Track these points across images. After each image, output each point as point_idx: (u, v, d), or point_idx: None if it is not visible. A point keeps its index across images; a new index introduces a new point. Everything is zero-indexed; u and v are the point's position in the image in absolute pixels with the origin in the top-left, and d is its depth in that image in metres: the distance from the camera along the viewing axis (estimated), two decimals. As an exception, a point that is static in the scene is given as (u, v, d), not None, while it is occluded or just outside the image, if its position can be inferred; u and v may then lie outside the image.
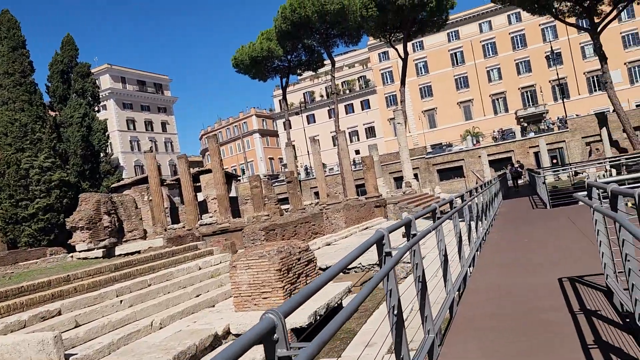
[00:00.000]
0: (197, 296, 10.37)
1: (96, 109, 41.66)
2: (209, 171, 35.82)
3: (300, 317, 7.88)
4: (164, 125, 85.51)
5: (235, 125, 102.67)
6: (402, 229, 4.42)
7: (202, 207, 35.51)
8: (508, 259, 7.96)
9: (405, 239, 4.42)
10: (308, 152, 60.63)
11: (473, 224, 8.86)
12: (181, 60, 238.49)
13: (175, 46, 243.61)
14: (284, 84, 50.22)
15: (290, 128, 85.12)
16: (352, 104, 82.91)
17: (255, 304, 8.59)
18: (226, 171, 37.85)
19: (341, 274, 14.96)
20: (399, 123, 37.33)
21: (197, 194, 37.50)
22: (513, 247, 9.07)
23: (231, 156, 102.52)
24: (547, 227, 10.42)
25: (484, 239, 9.66)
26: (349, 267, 14.32)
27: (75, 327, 7.72)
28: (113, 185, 34.91)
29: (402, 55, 45.15)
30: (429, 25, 45.20)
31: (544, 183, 12.68)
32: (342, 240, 19.87)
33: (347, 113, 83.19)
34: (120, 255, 14.25)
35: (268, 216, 30.83)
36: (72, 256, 14.02)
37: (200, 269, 12.12)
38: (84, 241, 13.46)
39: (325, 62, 55.44)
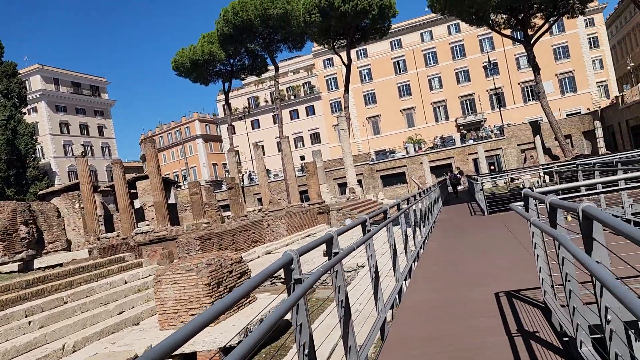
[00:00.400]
0: (120, 313, 9.55)
1: (24, 111, 39.08)
2: (146, 177, 34.37)
3: (229, 334, 7.32)
4: (100, 129, 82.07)
5: (178, 130, 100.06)
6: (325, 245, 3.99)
7: (139, 215, 34.00)
8: (446, 270, 7.72)
9: (327, 257, 3.91)
10: (252, 157, 59.74)
11: (410, 231, 8.59)
12: (120, 63, 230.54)
13: (114, 48, 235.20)
14: (227, 88, 49.25)
15: (234, 133, 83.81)
16: (297, 109, 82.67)
17: (181, 322, 7.93)
18: (165, 177, 36.49)
19: (279, 284, 14.46)
20: (342, 129, 37.30)
21: (135, 200, 35.94)
22: (451, 257, 8.89)
23: (173, 161, 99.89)
24: (485, 235, 10.39)
25: (423, 248, 9.45)
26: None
27: (-29, 355, 6.80)
28: (41, 192, 32.80)
29: (346, 61, 45.29)
30: (372, 32, 45.62)
31: (481, 190, 12.71)
32: (284, 248, 19.34)
33: (292, 119, 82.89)
34: (39, 268, 13.07)
35: (208, 224, 29.86)
36: (-17, 271, 12.76)
37: (126, 282, 11.25)
38: (-4, 254, 12.26)
39: (269, 67, 54.92)
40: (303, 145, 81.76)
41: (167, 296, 7.93)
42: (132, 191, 35.24)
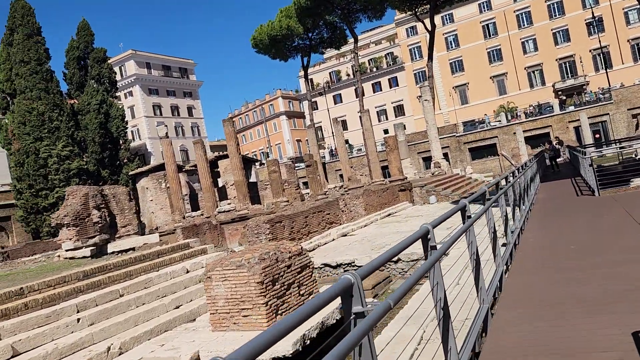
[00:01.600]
0: (177, 307, 8.96)
1: (118, 94, 40.76)
2: (227, 156, 34.56)
3: (283, 344, 6.32)
4: (190, 110, 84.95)
5: (262, 108, 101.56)
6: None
7: (222, 194, 34.39)
8: (548, 287, 5.40)
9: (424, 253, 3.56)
10: (332, 133, 58.88)
11: (501, 221, 7.00)
12: (205, 44, 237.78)
13: (198, 30, 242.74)
14: (306, 63, 48.28)
15: (316, 109, 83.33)
16: (379, 82, 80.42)
17: (234, 323, 7.09)
18: (245, 156, 36.57)
19: (335, 275, 13.36)
20: (426, 100, 35.10)
21: (218, 179, 36.42)
22: (555, 261, 6.46)
23: (259, 139, 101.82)
24: (600, 225, 8.36)
25: (518, 241, 7.77)
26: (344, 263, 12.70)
27: (12, 357, 6.39)
28: (131, 173, 34.08)
29: (429, 28, 42.52)
30: (458, -6, 42.32)
31: (590, 166, 10.62)
32: (360, 230, 18.21)
33: (374, 92, 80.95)
34: (112, 253, 13.02)
35: (287, 202, 29.45)
36: (59, 255, 12.86)
37: (187, 272, 10.72)
38: (70, 239, 12.25)
39: (349, 40, 53.23)
40: (387, 119, 79.54)
41: (218, 294, 7.10)
42: (215, 170, 35.68)
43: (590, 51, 62.54)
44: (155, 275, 9.92)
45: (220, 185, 35.21)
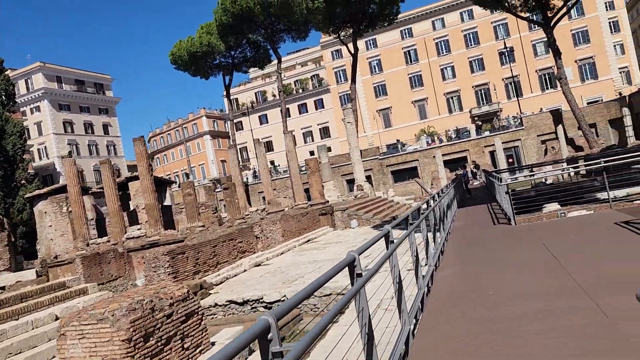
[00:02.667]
0: (33, 368, 7.34)
1: (23, 109, 37.23)
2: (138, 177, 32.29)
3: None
4: (105, 127, 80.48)
5: (185, 127, 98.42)
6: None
7: (133, 218, 31.98)
8: (466, 341, 4.45)
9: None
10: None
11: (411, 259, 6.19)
12: (126, 60, 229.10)
13: (117, 45, 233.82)
14: (228, 82, 46.91)
15: (241, 129, 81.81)
16: (305, 103, 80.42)
17: (94, 393, 5.65)
18: (158, 177, 34.43)
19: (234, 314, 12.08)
20: (348, 122, 34.83)
21: (130, 202, 33.95)
22: (474, 309, 5.34)
23: (181, 159, 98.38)
24: (519, 259, 7.59)
25: (431, 281, 6.97)
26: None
27: None
28: (27, 196, 30.85)
29: (352, 51, 42.71)
30: (380, 19, 42.98)
31: (507, 193, 10.17)
32: (276, 258, 17.02)
33: (300, 113, 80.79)
34: (-23, 293, 11.02)
35: (204, 227, 27.75)
36: None
37: (56, 319, 9.04)
38: None
39: (273, 60, 52.55)
40: (312, 140, 79.45)
41: (74, 356, 5.65)
42: (127, 192, 33.23)
43: (502, 79, 65.99)
44: (12, 326, 8.15)
45: (132, 208, 32.77)
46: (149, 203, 27.83)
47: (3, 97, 35.07)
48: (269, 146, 77.48)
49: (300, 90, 79.44)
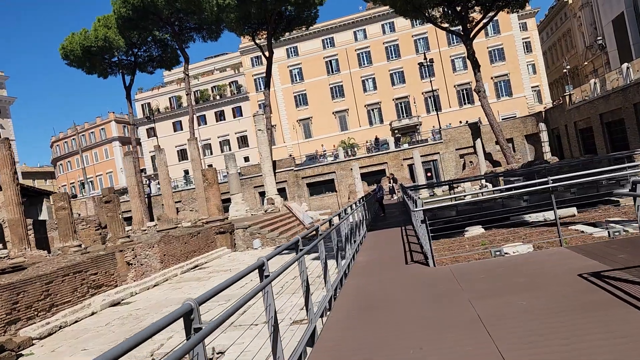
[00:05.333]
0: None
1: None
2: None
3: None
4: (-4, 129, 72.03)
5: (92, 132, 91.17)
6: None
7: (-2, 235, 26.96)
8: None
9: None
10: (152, 163, 52.69)
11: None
12: (26, 58, 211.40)
13: (18, 42, 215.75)
14: (129, 82, 42.37)
15: (154, 136, 76.37)
16: (223, 110, 76.64)
17: None
18: (33, 187, 29.62)
19: None
20: (259, 130, 31.85)
21: (-5, 216, 28.77)
22: None
23: (88, 166, 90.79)
24: (439, 348, 4.46)
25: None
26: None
27: None
28: None
29: (267, 53, 39.86)
30: (297, 22, 40.48)
31: (423, 222, 7.47)
32: (145, 293, 13.60)
33: (217, 120, 76.89)
34: None
35: (80, 247, 23.46)
36: None
37: None
38: None
39: (186, 62, 48.50)
40: (230, 149, 75.49)
41: None
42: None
43: (422, 93, 65.95)
44: None
45: (-3, 223, 27.71)
46: (13, 218, 23.17)
47: None
48: (182, 154, 72.79)
49: (218, 97, 75.54)
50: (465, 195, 16.42)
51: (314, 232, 7.29)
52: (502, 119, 58.09)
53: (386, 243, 11.96)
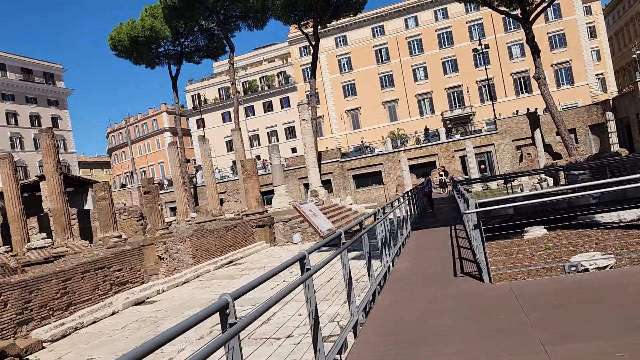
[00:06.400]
0: None
1: None
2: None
3: None
4: (55, 120, 74.60)
5: (145, 123, 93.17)
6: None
7: (44, 224, 27.27)
8: None
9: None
10: (202, 153, 52.63)
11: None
12: (83, 50, 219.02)
13: (71, 34, 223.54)
14: (175, 72, 42.27)
15: (203, 126, 77.09)
16: (271, 101, 76.13)
17: None
18: (79, 177, 29.81)
19: None
20: (303, 119, 30.80)
21: (43, 205, 29.21)
22: None
23: (140, 157, 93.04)
24: None
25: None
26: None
27: None
28: None
29: (313, 41, 38.68)
30: (345, 8, 39.04)
31: (476, 227, 5.96)
32: (173, 291, 12.81)
33: (265, 111, 76.54)
34: None
35: (120, 238, 23.24)
36: None
37: None
38: None
39: (232, 51, 48.10)
40: (277, 140, 75.04)
41: None
42: (37, 194, 28.54)
43: (476, 82, 63.03)
44: None
45: (44, 212, 28.04)
46: (56, 207, 23.25)
47: None
48: (230, 145, 73.09)
49: (266, 88, 75.12)
50: (538, 194, 14.64)
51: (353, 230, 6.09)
52: (562, 109, 54.65)
53: (432, 246, 10.50)
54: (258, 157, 70.54)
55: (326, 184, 38.89)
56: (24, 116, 69.77)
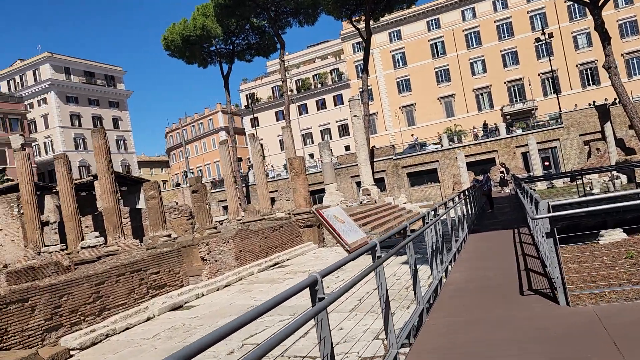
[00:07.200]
0: None
1: (30, 101, 33.42)
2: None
3: None
4: (115, 121, 77.37)
5: (201, 123, 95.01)
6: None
7: (98, 223, 27.68)
8: None
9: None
10: (251, 152, 52.56)
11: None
12: (141, 51, 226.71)
13: (131, 36, 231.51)
14: (227, 71, 42.36)
15: (257, 125, 77.59)
16: (324, 99, 75.59)
17: None
18: (131, 175, 30.15)
19: None
20: (355, 116, 29.81)
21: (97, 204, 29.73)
22: None
23: (196, 156, 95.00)
24: None
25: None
26: None
27: None
28: (-23, 194, 26.86)
29: (364, 35, 37.56)
30: (398, 1, 37.68)
31: (549, 236, 4.81)
32: (212, 295, 12.21)
33: (318, 109, 76.09)
34: None
35: (169, 237, 23.15)
36: None
37: None
38: None
39: (286, 52, 47.81)
40: (330, 138, 74.34)
41: None
42: (93, 192, 29.06)
43: (539, 75, 59.82)
44: None
45: (98, 211, 28.49)
46: (108, 206, 23.44)
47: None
48: (282, 144, 73.12)
49: (319, 85, 74.59)
50: (624, 195, 13.06)
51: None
52: (635, 101, 50.73)
53: (492, 253, 9.23)
54: (311, 155, 70.14)
55: (379, 182, 37.74)
56: (87, 117, 72.63)
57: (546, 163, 37.62)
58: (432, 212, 6.96)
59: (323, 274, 3.07)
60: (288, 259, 16.70)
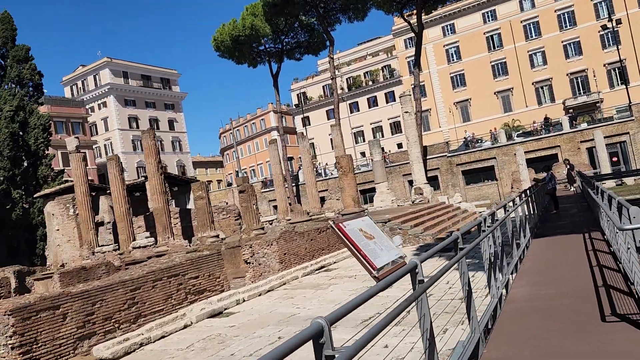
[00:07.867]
0: None
1: (91, 105, 34.66)
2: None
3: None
4: (171, 123, 79.31)
5: (253, 123, 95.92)
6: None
7: (151, 223, 28.01)
8: None
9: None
10: (301, 151, 52.09)
11: None
12: (196, 55, 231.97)
13: (184, 38, 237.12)
14: (277, 70, 42.13)
15: (308, 124, 77.42)
16: (375, 96, 74.45)
17: None
18: (180, 176, 30.34)
19: None
20: (406, 112, 28.73)
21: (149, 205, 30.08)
22: None
23: (249, 156, 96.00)
24: None
25: None
26: None
27: None
28: (37, 195, 27.78)
29: (416, 29, 36.28)
30: (451, -9, 36.12)
31: (638, 250, 3.90)
32: (253, 301, 11.67)
33: (370, 107, 75.07)
34: None
35: (217, 237, 23.03)
36: None
37: None
38: None
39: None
40: (382, 136, 73.10)
41: None
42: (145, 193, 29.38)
43: (604, 65, 56.18)
44: None
45: (150, 212, 28.83)
46: (157, 207, 23.62)
47: (30, 88, 32.55)
48: (332, 142, 72.51)
49: (370, 83, 73.47)
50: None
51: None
52: None
53: (560, 262, 8.01)
54: (362, 153, 69.15)
55: (432, 181, 36.37)
56: (144, 120, 74.77)
57: (614, 159, 35.01)
58: (490, 218, 6.04)
59: (331, 320, 2.21)
60: (335, 262, 15.99)
